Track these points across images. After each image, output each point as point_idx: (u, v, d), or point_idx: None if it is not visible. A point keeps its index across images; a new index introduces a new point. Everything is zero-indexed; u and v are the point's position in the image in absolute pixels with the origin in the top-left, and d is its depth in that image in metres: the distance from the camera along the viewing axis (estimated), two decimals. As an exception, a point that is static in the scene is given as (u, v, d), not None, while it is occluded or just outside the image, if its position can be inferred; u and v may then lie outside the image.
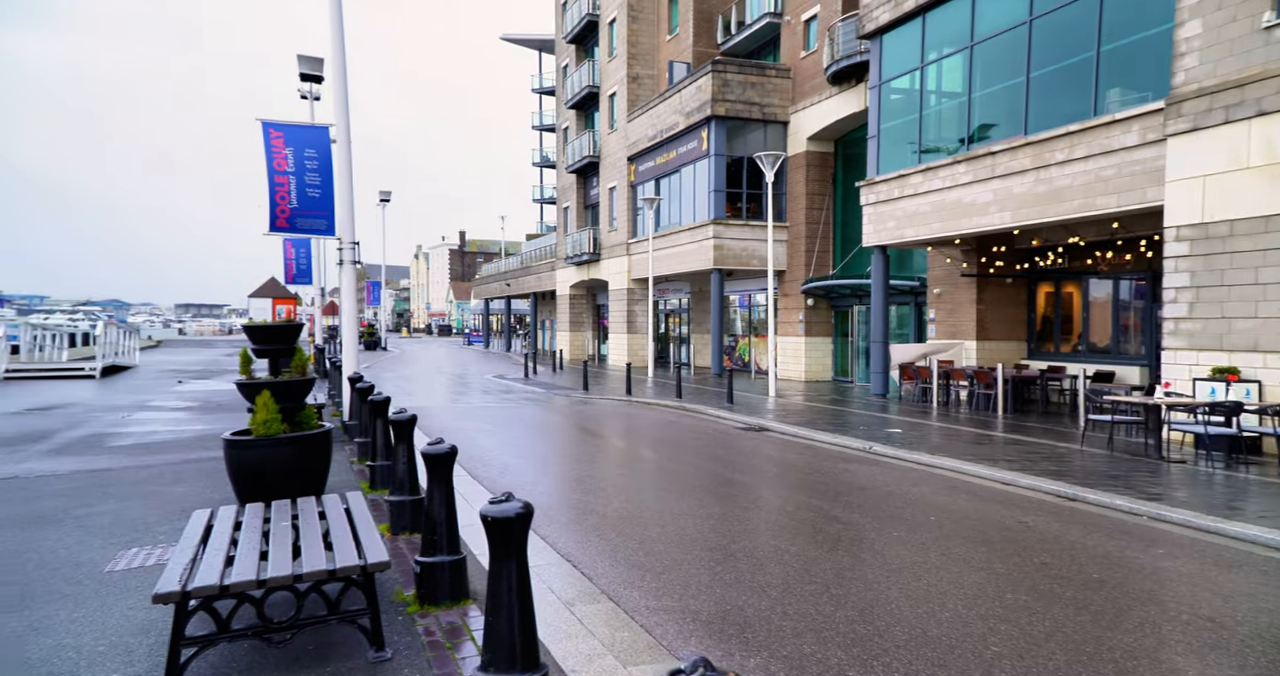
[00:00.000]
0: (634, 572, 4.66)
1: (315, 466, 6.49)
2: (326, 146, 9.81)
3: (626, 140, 29.69)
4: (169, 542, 5.27)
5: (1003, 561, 4.90)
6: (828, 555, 5.01)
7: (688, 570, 4.69)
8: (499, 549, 2.74)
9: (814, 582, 4.44)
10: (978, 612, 3.98)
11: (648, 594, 4.28)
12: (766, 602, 4.09)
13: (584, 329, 37.90)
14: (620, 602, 4.12)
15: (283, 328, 6.52)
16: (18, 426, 10.84)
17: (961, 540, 5.41)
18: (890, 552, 5.10)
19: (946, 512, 6.29)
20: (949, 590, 4.34)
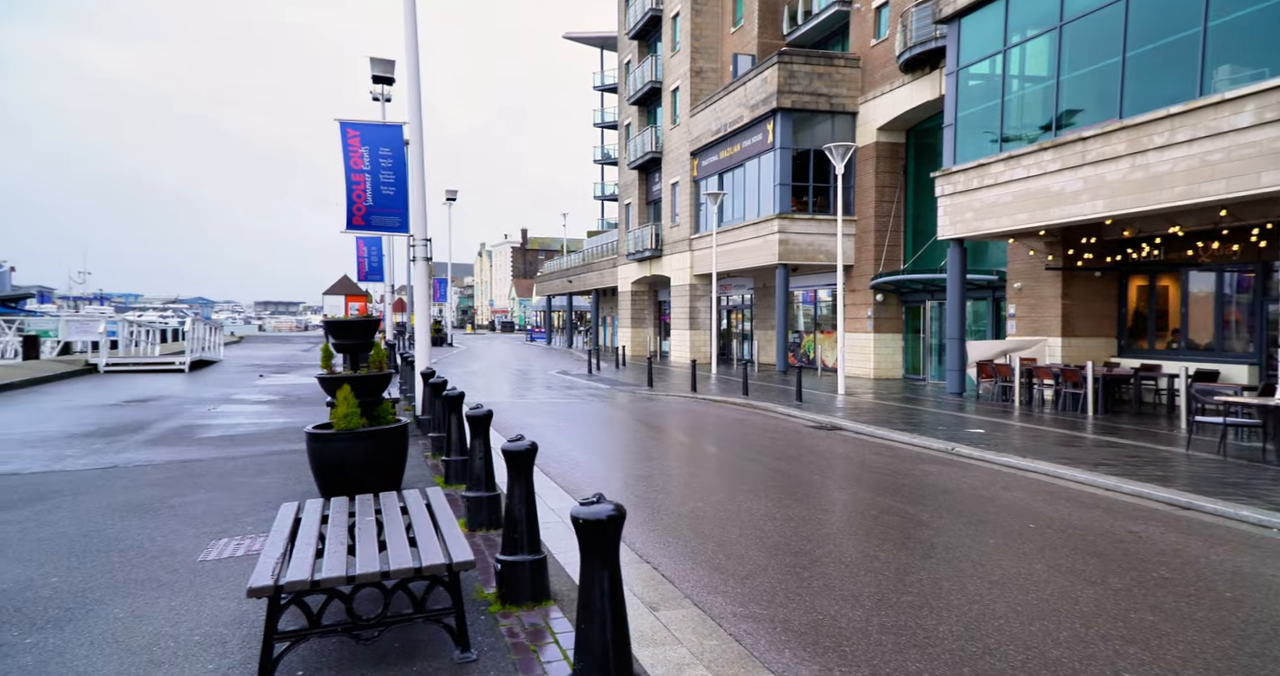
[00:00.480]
0: (716, 576, 4.51)
1: (392, 460, 6.55)
2: (400, 144, 9.95)
3: (689, 135, 29.44)
4: (256, 533, 5.38)
5: (1118, 575, 4.54)
6: (921, 563, 4.75)
7: (773, 575, 4.50)
8: (590, 552, 2.62)
9: (910, 593, 4.19)
10: (1099, 632, 3.68)
11: (733, 600, 4.12)
12: (861, 613, 3.88)
13: (645, 325, 37.86)
14: (705, 608, 3.97)
15: (361, 323, 6.59)
16: (117, 417, 11.39)
17: (1068, 550, 5.05)
18: (990, 562, 4.80)
19: (1046, 520, 5.91)
20: (1062, 606, 4.03)
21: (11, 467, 7.64)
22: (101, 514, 5.89)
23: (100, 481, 7.06)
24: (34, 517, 5.75)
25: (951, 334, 16.30)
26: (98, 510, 6.01)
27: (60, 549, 4.99)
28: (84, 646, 3.49)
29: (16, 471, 7.46)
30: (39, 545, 5.05)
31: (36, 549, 4.97)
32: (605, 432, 11.22)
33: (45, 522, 5.61)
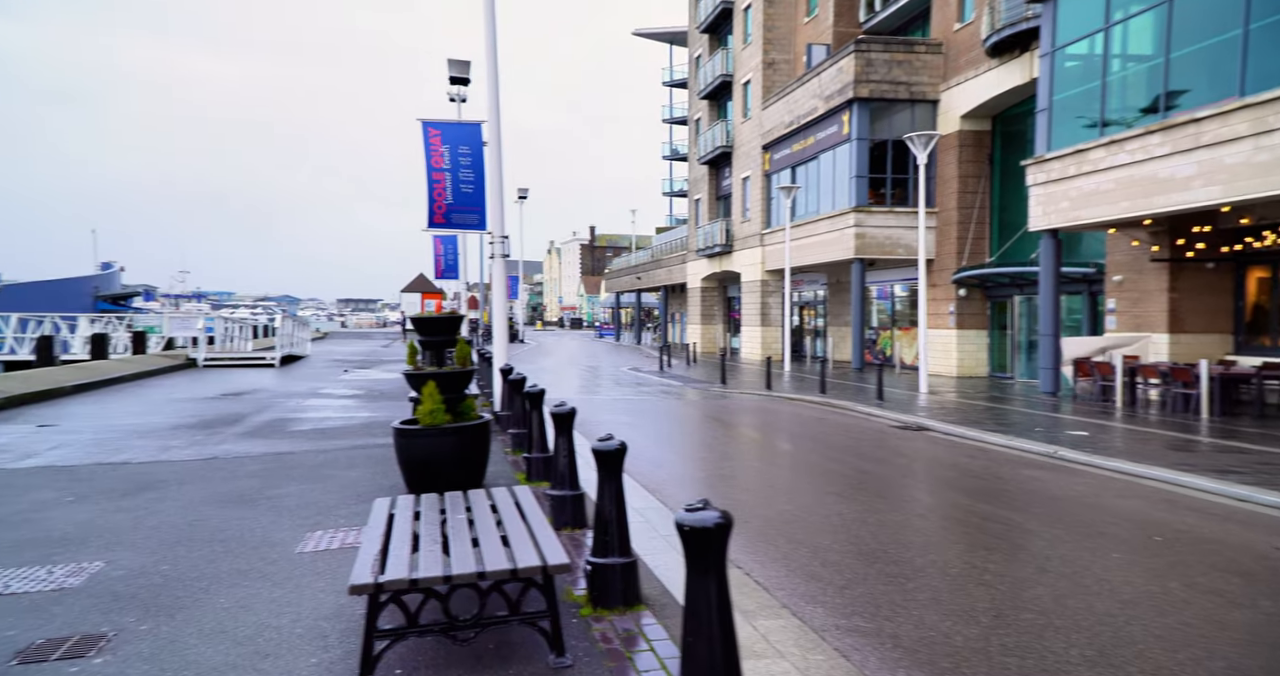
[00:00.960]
0: (813, 585, 4.32)
1: (476, 457, 6.59)
2: (479, 143, 10.04)
3: (760, 129, 28.96)
4: (348, 526, 5.47)
5: (1270, 598, 4.13)
6: (1037, 577, 4.43)
7: (873, 585, 4.28)
8: (697, 561, 2.49)
9: (1030, 610, 3.91)
10: (1259, 663, 3.32)
11: (834, 611, 3.92)
12: (978, 631, 3.63)
13: (715, 322, 37.53)
14: (804, 619, 3.79)
15: (445, 319, 6.65)
16: (216, 410, 11.95)
17: (1205, 568, 4.64)
18: (1116, 578, 4.44)
19: (1173, 532, 5.46)
20: (1210, 632, 3.67)
21: (124, 457, 8.06)
22: (205, 504, 6.12)
23: (203, 472, 7.37)
24: (145, 506, 6.02)
25: (1044, 330, 15.47)
26: (201, 500, 6.25)
27: (169, 537, 5.19)
28: (194, 635, 3.59)
29: (128, 461, 7.86)
30: (151, 533, 5.27)
31: (148, 537, 5.19)
32: (682, 430, 11.10)
33: (154, 511, 5.87)
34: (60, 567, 4.53)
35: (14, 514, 5.75)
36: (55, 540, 5.10)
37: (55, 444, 8.74)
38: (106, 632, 3.61)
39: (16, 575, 4.39)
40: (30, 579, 4.33)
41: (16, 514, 5.74)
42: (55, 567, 4.54)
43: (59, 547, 4.94)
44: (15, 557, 4.73)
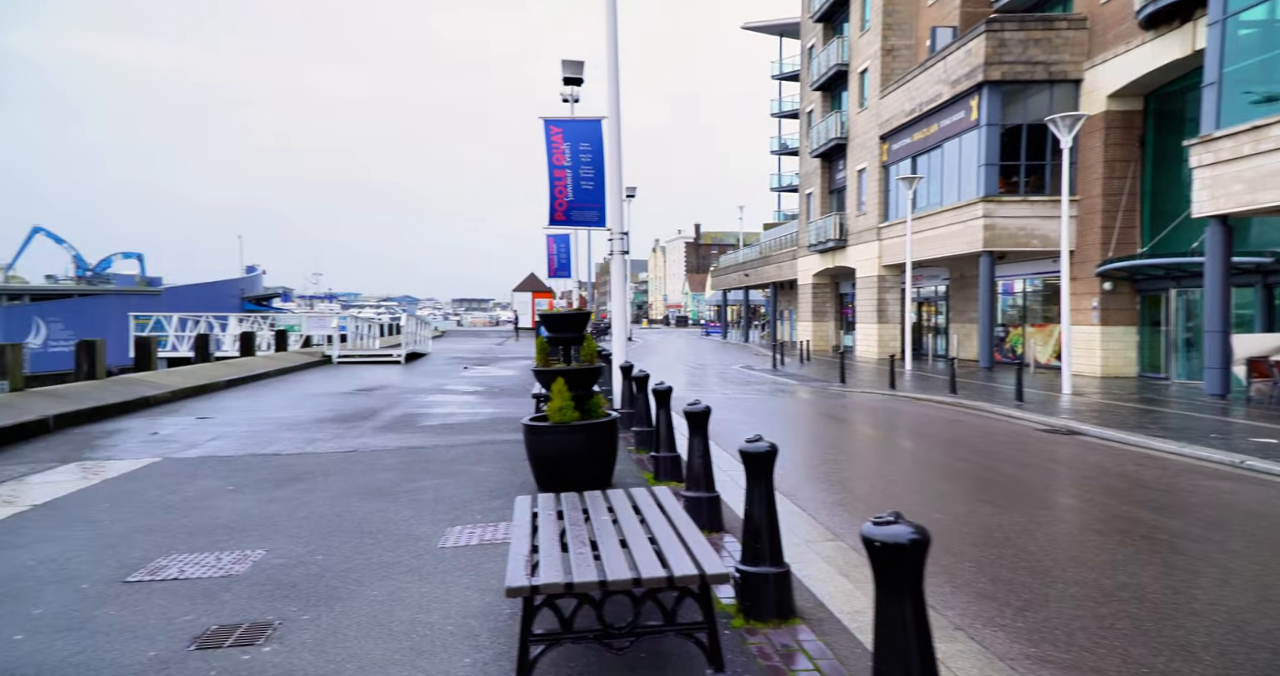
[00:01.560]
0: (986, 605, 3.93)
1: (605, 454, 6.51)
2: (599, 139, 10.02)
3: (878, 118, 27.79)
4: (485, 522, 5.51)
5: None
6: (1259, 607, 3.85)
7: (1057, 608, 3.85)
8: (890, 581, 2.23)
9: (1265, 648, 3.38)
10: None
11: (1017, 636, 3.54)
12: (1199, 669, 3.16)
13: (826, 319, 36.43)
14: (985, 644, 3.43)
15: (574, 316, 6.62)
16: (352, 405, 12.58)
17: None
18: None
19: None
20: None
21: (274, 449, 8.55)
22: (349, 496, 6.35)
23: (344, 464, 7.69)
24: (296, 497, 6.31)
25: (1211, 326, 13.94)
26: (345, 492, 6.49)
27: (320, 527, 5.39)
28: (352, 627, 3.64)
29: (278, 452, 8.33)
30: (303, 523, 5.49)
31: (302, 527, 5.41)
32: (805, 431, 10.69)
33: (305, 502, 6.13)
34: (227, 555, 4.77)
35: (185, 501, 6.16)
36: (221, 527, 5.40)
37: (214, 435, 9.41)
38: (272, 621, 3.73)
39: (191, 561, 4.65)
40: (202, 565, 4.58)
41: (187, 501, 6.15)
42: (223, 554, 4.78)
43: (224, 535, 5.22)
44: (188, 543, 5.04)
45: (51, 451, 8.29)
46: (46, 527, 5.37)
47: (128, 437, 9.16)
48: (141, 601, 3.99)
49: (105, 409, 10.69)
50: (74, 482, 6.79)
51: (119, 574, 4.41)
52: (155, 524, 5.47)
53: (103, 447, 8.53)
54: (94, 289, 44.47)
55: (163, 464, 7.64)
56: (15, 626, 3.68)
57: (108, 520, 5.57)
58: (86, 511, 5.82)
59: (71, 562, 4.63)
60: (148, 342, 15.43)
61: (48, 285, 45.55)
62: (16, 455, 8.10)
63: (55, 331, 32.57)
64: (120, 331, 23.96)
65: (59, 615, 3.81)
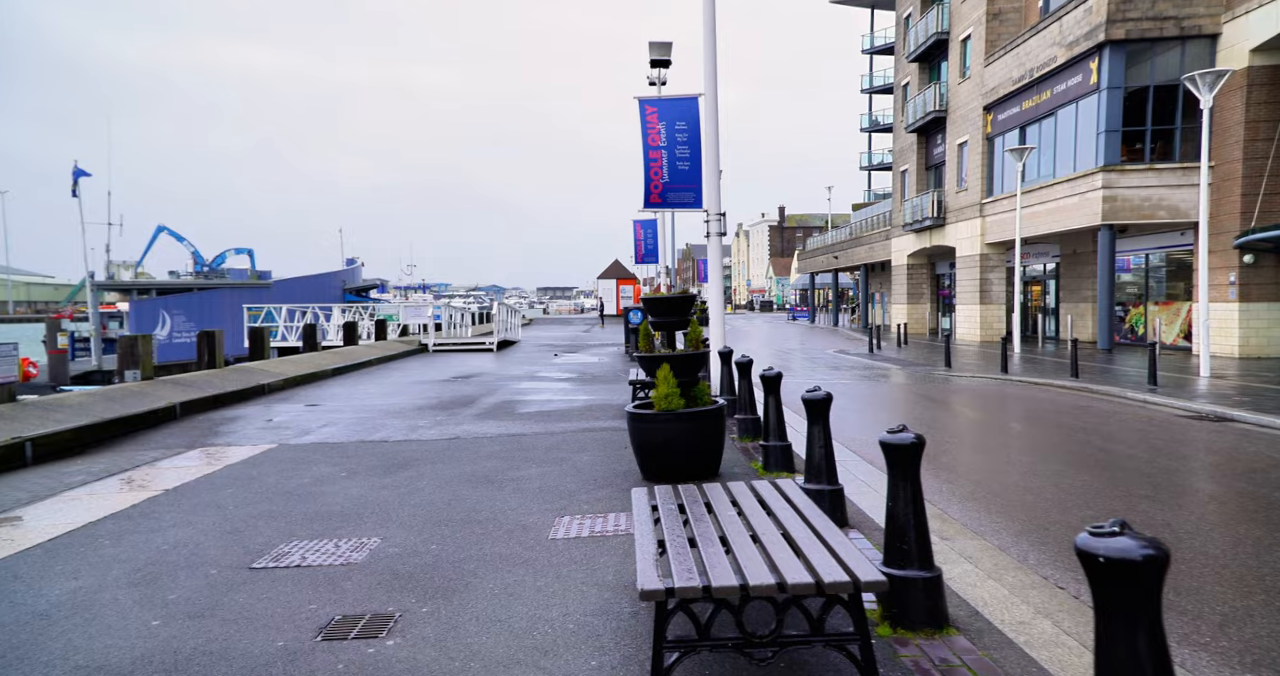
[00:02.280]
0: (1178, 619, 3.45)
1: (711, 444, 6.26)
2: (695, 117, 9.70)
3: (982, 88, 26.19)
4: (593, 513, 5.36)
5: None
6: None
7: (1265, 625, 3.34)
8: (1115, 605, 1.85)
9: None
10: None
11: (1225, 658, 3.08)
12: None
13: (922, 301, 34.90)
14: (1189, 668, 2.98)
15: (678, 300, 6.37)
16: (450, 392, 12.80)
17: None
18: None
19: None
20: None
21: (381, 436, 8.72)
22: (456, 483, 6.35)
23: (448, 451, 7.74)
24: (405, 484, 6.35)
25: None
26: (452, 479, 6.49)
27: (431, 516, 5.37)
28: (472, 622, 3.54)
29: (385, 439, 8.48)
30: (415, 511, 5.49)
31: (413, 515, 5.41)
32: (921, 418, 10.11)
33: (415, 489, 6.16)
34: (345, 542, 4.80)
35: (302, 487, 6.29)
36: (336, 514, 5.46)
37: (324, 422, 9.70)
38: (393, 613, 3.67)
39: (311, 548, 4.70)
40: (322, 552, 4.61)
41: (303, 487, 6.28)
42: (341, 542, 4.81)
43: (340, 522, 5.27)
44: (308, 529, 5.11)
45: (179, 437, 8.73)
46: (177, 512, 5.57)
47: (246, 424, 9.57)
48: (267, 589, 4.02)
49: (225, 397, 11.23)
50: (199, 468, 7.08)
51: (244, 560, 4.49)
52: (276, 509, 5.59)
53: (224, 434, 8.92)
54: (211, 283, 47.57)
55: (278, 450, 7.90)
56: (153, 611, 3.76)
57: (232, 505, 5.73)
58: (212, 496, 6.02)
59: (201, 547, 4.75)
60: (261, 333, 16.21)
61: (171, 280, 49.05)
62: (149, 441, 8.56)
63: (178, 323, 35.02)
64: (235, 322, 25.43)
65: (191, 600, 3.88)
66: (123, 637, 3.46)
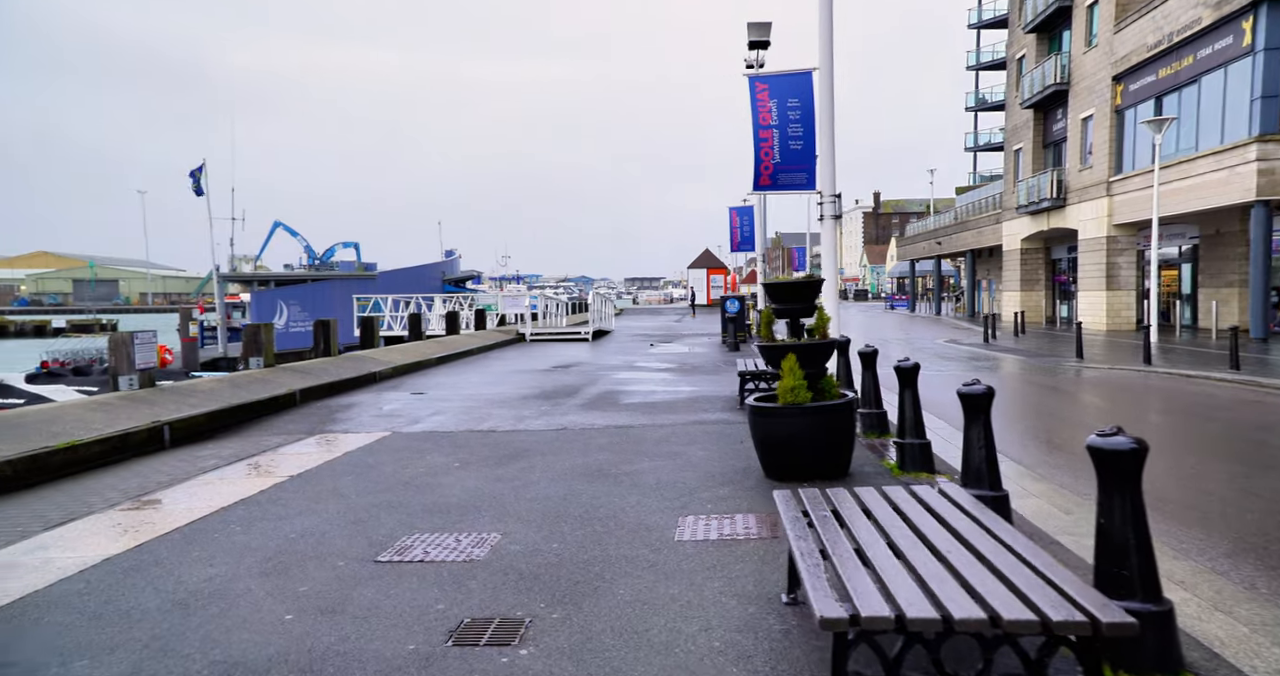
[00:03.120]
0: None
1: (840, 440, 5.81)
2: (809, 93, 9.14)
3: (1111, 56, 24.09)
4: (718, 513, 5.02)
5: None
6: None
7: None
8: None
9: None
10: None
11: None
12: None
13: (1037, 288, 32.71)
14: None
15: (804, 284, 5.92)
16: (552, 381, 12.75)
17: None
18: None
19: None
20: None
21: (489, 425, 8.68)
22: (570, 477, 6.15)
23: (557, 442, 7.58)
24: (519, 476, 6.20)
25: None
26: (565, 472, 6.30)
27: (548, 511, 5.17)
28: (607, 633, 3.27)
29: (494, 429, 8.43)
30: (532, 506, 5.31)
31: (530, 509, 5.23)
32: (1067, 416, 9.25)
33: (529, 482, 6.00)
34: (465, 537, 4.65)
35: (418, 477, 6.25)
36: (454, 507, 5.35)
37: (434, 411, 9.77)
38: (522, 618, 3.46)
39: (433, 542, 4.57)
40: (444, 547, 4.47)
41: (419, 477, 6.24)
42: (461, 536, 4.67)
43: (458, 515, 5.15)
44: (428, 521, 5.00)
45: (299, 423, 8.97)
46: (302, 499, 5.60)
47: (360, 412, 9.75)
48: (393, 584, 3.90)
49: (340, 384, 11.55)
50: (319, 454, 7.19)
51: (370, 552, 4.40)
52: (395, 500, 5.54)
53: (340, 421, 9.10)
54: (323, 274, 50.11)
55: (392, 438, 7.95)
56: (285, 604, 3.69)
57: (353, 494, 5.73)
58: (333, 484, 6.05)
59: (327, 537, 4.71)
60: (371, 322, 16.71)
61: (286, 273, 51.98)
62: (272, 426, 8.83)
63: (294, 313, 36.99)
64: (345, 311, 26.51)
65: (321, 594, 3.80)
66: (258, 632, 3.39)
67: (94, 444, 6.82)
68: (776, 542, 4.37)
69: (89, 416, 7.54)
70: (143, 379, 8.98)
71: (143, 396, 8.61)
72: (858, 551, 2.89)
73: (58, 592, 3.89)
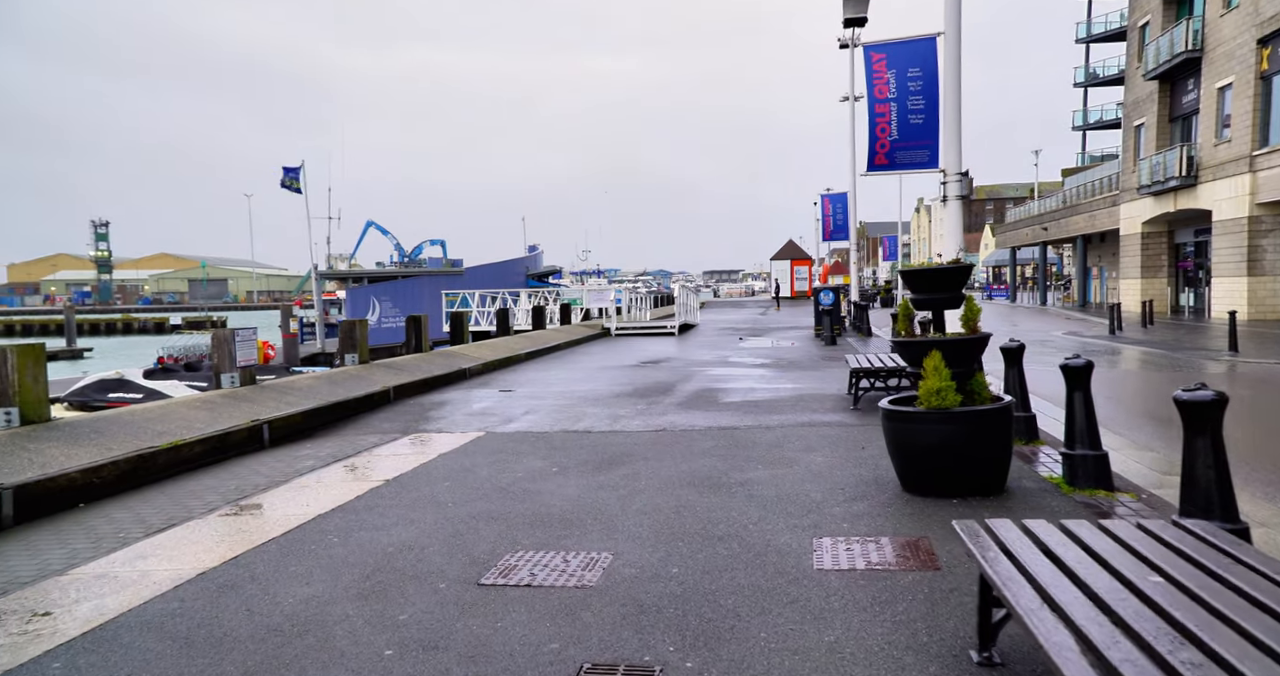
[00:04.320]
0: None
1: (995, 452, 5.02)
2: (932, 62, 8.25)
3: (1256, 17, 21.68)
4: (858, 535, 4.37)
5: None
6: None
7: None
8: None
9: None
10: None
11: None
12: None
13: (1159, 275, 30.11)
14: None
15: (951, 271, 5.18)
16: (644, 378, 12.26)
17: None
18: None
19: None
20: None
21: (584, 425, 8.25)
22: (678, 486, 5.61)
23: (658, 445, 7.06)
24: (623, 484, 5.71)
25: None
26: (672, 480, 5.77)
27: (661, 527, 4.65)
28: (760, 695, 2.70)
29: (589, 430, 7.99)
30: (642, 520, 4.80)
31: (640, 524, 4.71)
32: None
33: (635, 491, 5.50)
34: (574, 557, 4.18)
35: (516, 483, 5.85)
36: (556, 518, 4.90)
37: (526, 409, 9.43)
38: (651, 666, 2.93)
39: (539, 562, 4.11)
40: (551, 568, 4.01)
41: (517, 483, 5.83)
42: (569, 556, 4.19)
43: (562, 529, 4.69)
44: (530, 536, 4.56)
45: (393, 422, 8.79)
46: (398, 507, 5.27)
47: (452, 410, 9.52)
48: (500, 614, 3.45)
49: (431, 381, 11.41)
50: (414, 456, 6.91)
51: (472, 572, 3.98)
52: (494, 509, 5.14)
53: (433, 419, 8.87)
54: (412, 271, 51.52)
55: (486, 439, 7.62)
56: (384, 635, 3.29)
57: (450, 502, 5.37)
58: (430, 490, 5.72)
59: (426, 553, 4.33)
60: (461, 318, 16.68)
61: (378, 270, 53.73)
62: (367, 424, 8.68)
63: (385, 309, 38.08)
64: (433, 307, 26.91)
65: (422, 623, 3.39)
66: (356, 671, 2.99)
67: (196, 443, 6.75)
68: (940, 577, 3.70)
69: (192, 415, 7.52)
70: (243, 376, 9.00)
71: (243, 394, 8.61)
72: (1128, 628, 2.18)
73: (152, 613, 3.62)
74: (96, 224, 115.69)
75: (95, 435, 6.36)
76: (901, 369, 8.14)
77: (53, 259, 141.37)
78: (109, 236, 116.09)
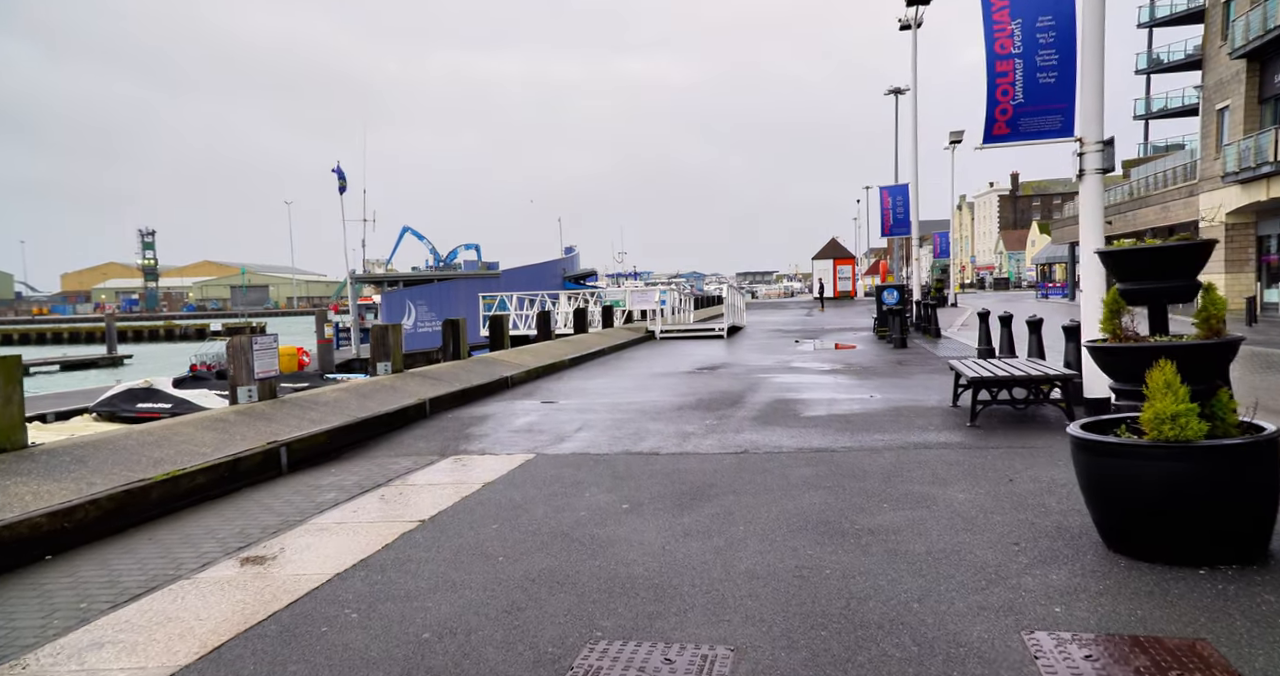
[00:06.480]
0: None
1: (1257, 502, 3.66)
2: (1069, 8, 6.86)
3: (1365, -23, 19.60)
4: (1087, 630, 3.06)
5: None
6: None
7: None
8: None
9: None
10: None
11: None
12: None
13: (1246, 269, 27.96)
14: None
15: (1182, 250, 3.83)
16: (704, 386, 11.00)
17: None
18: None
19: None
20: None
21: (648, 445, 7.04)
22: (788, 533, 4.37)
23: (744, 473, 5.82)
24: (714, 530, 4.48)
25: None
26: (778, 524, 4.53)
27: (785, 602, 3.40)
28: None
29: (655, 451, 6.77)
30: (756, 590, 3.55)
31: (757, 598, 3.47)
32: None
33: (733, 542, 4.25)
34: (676, 653, 2.95)
35: (579, 526, 4.65)
36: (640, 584, 3.69)
37: (579, 424, 8.25)
38: None
39: (630, 661, 2.89)
40: (649, 671, 2.79)
41: (582, 527, 4.64)
42: (670, 652, 2.97)
43: (651, 601, 3.48)
44: (611, 614, 3.35)
45: (429, 440, 7.67)
46: (436, 563, 4.11)
47: (495, 426, 8.37)
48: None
49: (471, 391, 10.31)
50: (455, 486, 5.76)
51: (540, 687, 2.78)
52: (557, 567, 3.95)
53: (475, 437, 7.73)
54: (448, 274, 50.93)
55: (537, 463, 6.45)
56: None
57: (501, 554, 4.19)
58: (474, 535, 4.55)
59: (473, 642, 3.15)
60: (500, 321, 15.61)
61: (414, 274, 53.27)
62: (400, 443, 7.58)
63: (421, 313, 37.38)
64: (470, 310, 25.95)
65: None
66: None
67: (198, 473, 5.69)
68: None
69: (199, 437, 6.47)
70: (262, 389, 7.97)
71: (261, 410, 7.56)
72: None
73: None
74: (143, 233, 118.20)
75: (76, 465, 5.32)
76: (1036, 378, 6.76)
77: (104, 268, 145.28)
78: (155, 244, 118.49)
